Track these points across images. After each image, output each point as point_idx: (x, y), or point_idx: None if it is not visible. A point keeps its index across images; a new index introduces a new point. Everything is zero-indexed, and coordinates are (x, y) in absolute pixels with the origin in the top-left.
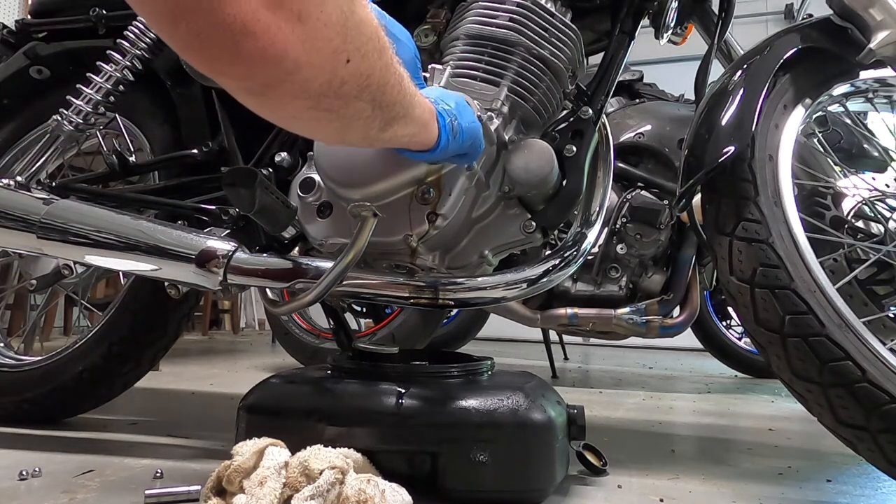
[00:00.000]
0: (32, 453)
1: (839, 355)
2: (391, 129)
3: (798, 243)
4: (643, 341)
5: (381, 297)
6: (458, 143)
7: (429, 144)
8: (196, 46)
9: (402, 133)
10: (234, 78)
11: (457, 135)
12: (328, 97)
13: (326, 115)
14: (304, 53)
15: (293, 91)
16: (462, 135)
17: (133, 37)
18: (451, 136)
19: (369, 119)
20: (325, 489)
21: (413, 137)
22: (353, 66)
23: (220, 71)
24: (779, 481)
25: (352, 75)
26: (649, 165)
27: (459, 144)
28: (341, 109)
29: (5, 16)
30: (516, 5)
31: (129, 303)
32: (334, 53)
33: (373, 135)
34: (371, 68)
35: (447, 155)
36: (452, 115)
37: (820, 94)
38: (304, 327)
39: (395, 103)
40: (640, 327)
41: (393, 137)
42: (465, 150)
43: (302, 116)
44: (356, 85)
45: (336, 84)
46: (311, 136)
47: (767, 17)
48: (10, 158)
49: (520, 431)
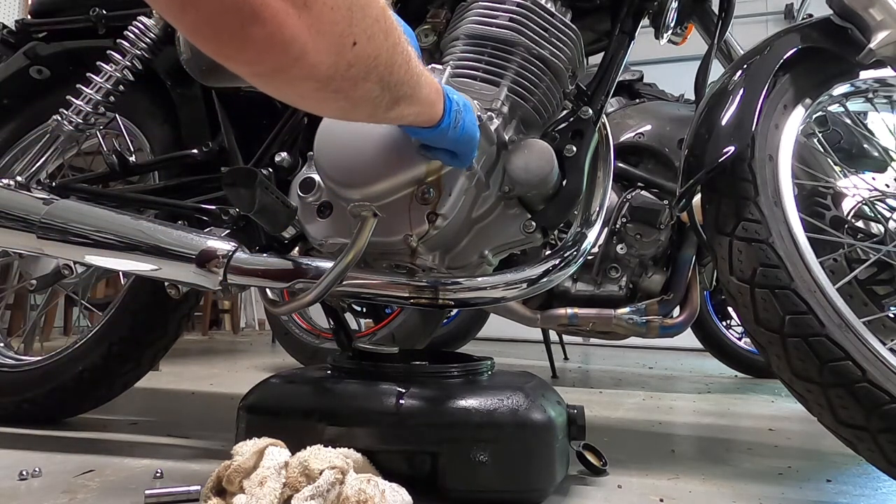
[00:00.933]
0: (32, 453)
1: (839, 355)
2: (398, 108)
3: (798, 243)
4: (643, 341)
5: (381, 297)
6: (458, 133)
7: (432, 122)
8: (205, 32)
9: (408, 112)
10: (243, 63)
11: (458, 125)
12: (336, 80)
13: (334, 95)
14: (311, 38)
15: (301, 74)
16: (462, 128)
17: (133, 37)
18: (454, 122)
19: (377, 99)
20: (325, 489)
21: (418, 116)
22: (359, 48)
23: (230, 56)
24: (779, 481)
25: (358, 58)
26: (649, 165)
27: (458, 135)
28: (349, 91)
29: (5, 16)
30: (516, 5)
31: (129, 303)
32: (341, 37)
33: (379, 114)
34: (378, 49)
35: (443, 141)
36: (460, 104)
37: (820, 94)
38: (304, 327)
39: (402, 83)
40: (640, 327)
41: (399, 116)
42: (459, 148)
43: (310, 97)
44: (363, 67)
45: (343, 67)
46: (318, 113)
47: (767, 17)
48: (10, 158)
49: (520, 431)
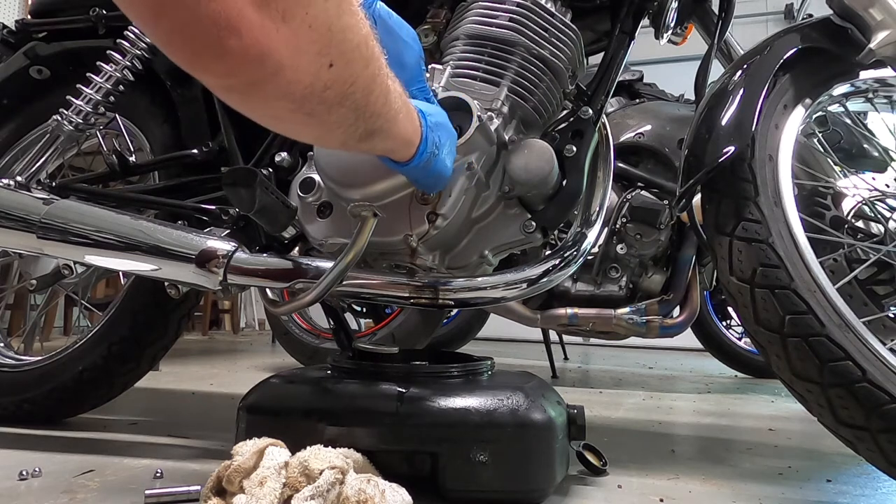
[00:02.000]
0: (32, 453)
1: (839, 355)
2: (371, 140)
3: (798, 243)
4: (643, 341)
5: (381, 297)
6: (425, 173)
7: (402, 160)
8: (178, 42)
9: (381, 146)
10: (216, 75)
11: (428, 166)
12: (311, 101)
13: (307, 118)
14: (289, 54)
15: (276, 92)
16: (430, 171)
17: (133, 37)
18: (423, 163)
19: (351, 127)
20: (325, 489)
21: (392, 153)
22: (336, 70)
23: (203, 68)
24: (779, 481)
25: (335, 81)
26: (649, 165)
27: (425, 175)
28: (324, 115)
29: (5, 16)
30: (516, 5)
31: (129, 303)
32: (318, 56)
33: (352, 143)
34: (355, 76)
35: (409, 174)
36: (438, 146)
37: (820, 94)
38: (304, 327)
39: (378, 115)
40: (640, 327)
41: (371, 148)
42: (422, 183)
43: (284, 118)
44: (339, 91)
45: (319, 88)
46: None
47: (767, 17)
48: (10, 158)
49: (520, 431)
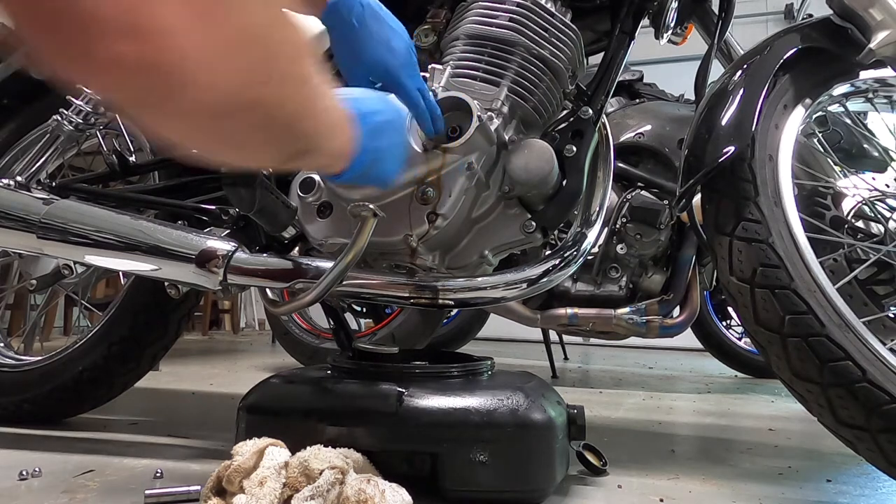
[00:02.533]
0: (32, 453)
1: (839, 355)
2: (300, 160)
3: (798, 243)
4: (643, 341)
5: (381, 297)
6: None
7: (335, 172)
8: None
9: (312, 164)
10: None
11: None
12: (230, 119)
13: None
14: (205, 64)
15: (182, 108)
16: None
17: None
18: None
19: (277, 150)
20: (325, 489)
21: (325, 168)
22: (268, 90)
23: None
24: (779, 481)
25: (266, 96)
26: (649, 165)
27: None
28: (241, 136)
29: None
30: (516, 5)
31: (129, 303)
32: (245, 72)
33: (276, 165)
34: (289, 94)
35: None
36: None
37: (820, 94)
38: (304, 327)
39: (309, 136)
40: (640, 327)
41: (298, 167)
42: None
43: (192, 137)
44: (270, 107)
45: (243, 106)
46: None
47: (767, 17)
48: (10, 158)
49: (520, 431)
